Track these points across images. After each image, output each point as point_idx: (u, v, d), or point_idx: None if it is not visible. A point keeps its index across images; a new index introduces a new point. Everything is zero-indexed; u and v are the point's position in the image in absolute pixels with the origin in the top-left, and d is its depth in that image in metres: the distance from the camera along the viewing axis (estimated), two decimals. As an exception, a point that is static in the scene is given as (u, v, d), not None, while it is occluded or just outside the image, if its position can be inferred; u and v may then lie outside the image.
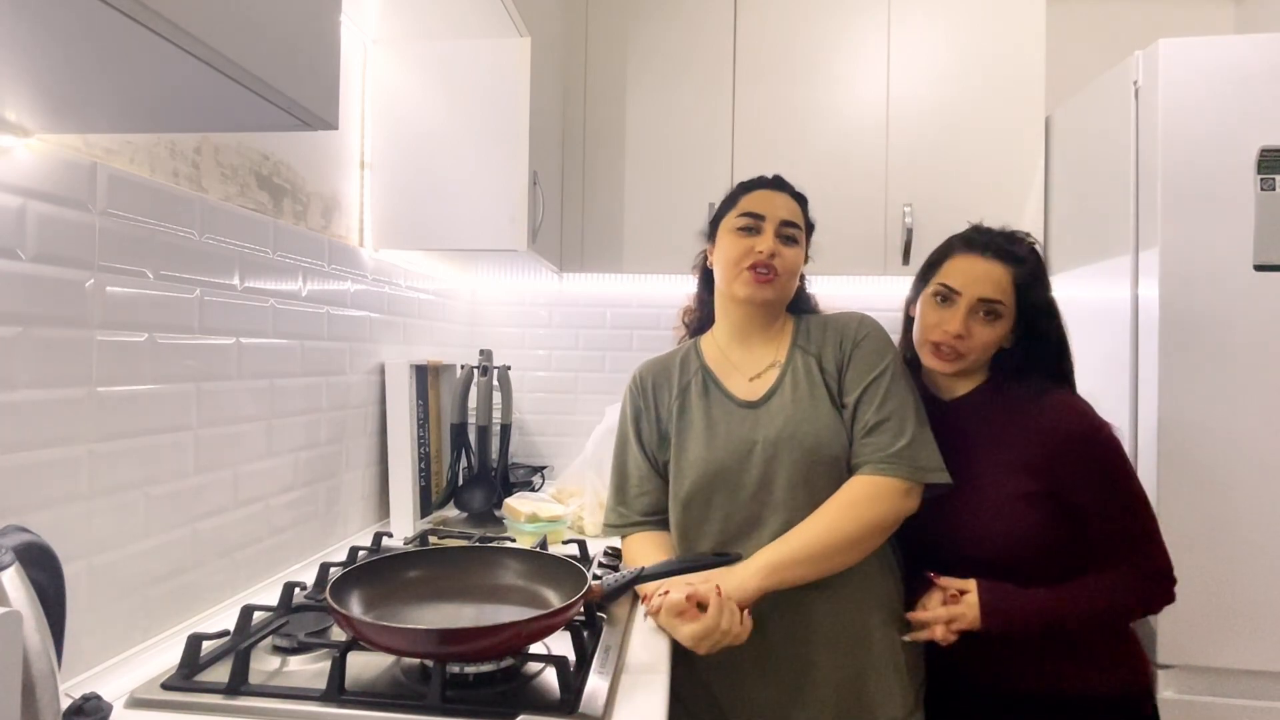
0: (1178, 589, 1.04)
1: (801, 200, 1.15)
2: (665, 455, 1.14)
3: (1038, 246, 1.14)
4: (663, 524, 1.15)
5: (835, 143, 1.83)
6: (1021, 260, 1.09)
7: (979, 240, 1.11)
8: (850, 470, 1.04)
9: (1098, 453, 1.03)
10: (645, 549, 1.10)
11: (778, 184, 1.14)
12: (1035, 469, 1.03)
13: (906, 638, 1.04)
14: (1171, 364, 1.43)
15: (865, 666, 1.02)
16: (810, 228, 1.16)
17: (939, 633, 1.02)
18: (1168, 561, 1.03)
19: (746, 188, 1.14)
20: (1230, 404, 1.42)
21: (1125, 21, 2.15)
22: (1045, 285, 1.11)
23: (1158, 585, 1.03)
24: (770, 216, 1.09)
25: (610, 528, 1.18)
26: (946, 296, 1.09)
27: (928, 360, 1.12)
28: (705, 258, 1.21)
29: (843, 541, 0.98)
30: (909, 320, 1.19)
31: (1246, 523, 1.42)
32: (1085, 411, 1.06)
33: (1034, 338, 1.10)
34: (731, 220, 1.11)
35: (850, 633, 1.02)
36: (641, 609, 1.01)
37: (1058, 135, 1.82)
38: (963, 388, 1.14)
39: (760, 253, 1.07)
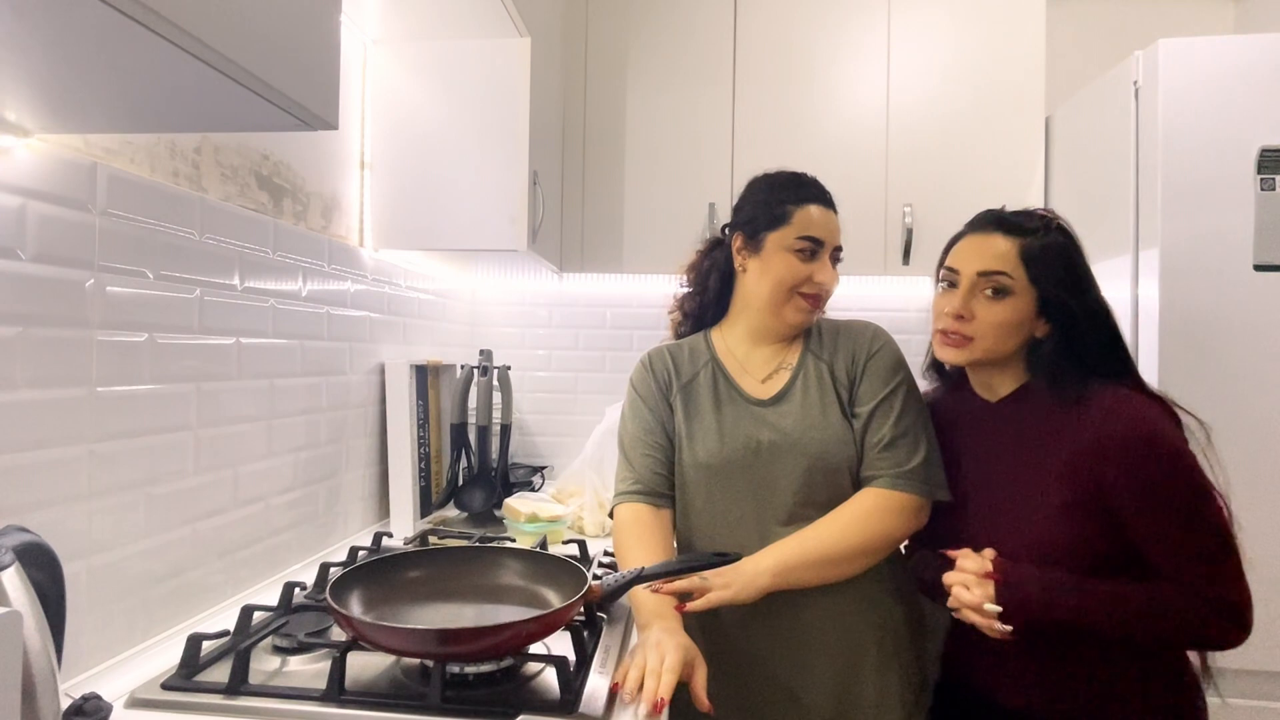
0: None
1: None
2: (670, 424, 1.12)
3: (1061, 222, 1.01)
4: (661, 502, 1.09)
5: (835, 143, 1.83)
6: (1031, 231, 0.98)
7: (981, 218, 1.03)
8: (858, 481, 1.04)
9: (1151, 462, 0.88)
10: (632, 528, 1.04)
11: (831, 202, 1.09)
12: (1076, 475, 0.92)
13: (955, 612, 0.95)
14: (1171, 364, 1.43)
15: (862, 669, 1.02)
16: None
17: (971, 615, 0.91)
18: (1240, 595, 0.88)
19: (801, 198, 1.07)
20: (1230, 404, 1.42)
21: (1125, 21, 2.15)
22: (1068, 260, 0.98)
23: (1219, 616, 0.87)
24: (829, 243, 1.06)
25: (617, 496, 1.11)
26: (951, 281, 1.03)
27: (938, 350, 1.04)
28: (730, 252, 1.13)
29: (851, 550, 0.98)
30: None
31: (1246, 523, 1.39)
32: (1142, 413, 0.91)
33: (1069, 323, 0.96)
34: (788, 238, 1.05)
35: (846, 636, 1.02)
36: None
37: (1058, 135, 1.82)
38: (1005, 386, 1.03)
39: (820, 283, 1.06)
